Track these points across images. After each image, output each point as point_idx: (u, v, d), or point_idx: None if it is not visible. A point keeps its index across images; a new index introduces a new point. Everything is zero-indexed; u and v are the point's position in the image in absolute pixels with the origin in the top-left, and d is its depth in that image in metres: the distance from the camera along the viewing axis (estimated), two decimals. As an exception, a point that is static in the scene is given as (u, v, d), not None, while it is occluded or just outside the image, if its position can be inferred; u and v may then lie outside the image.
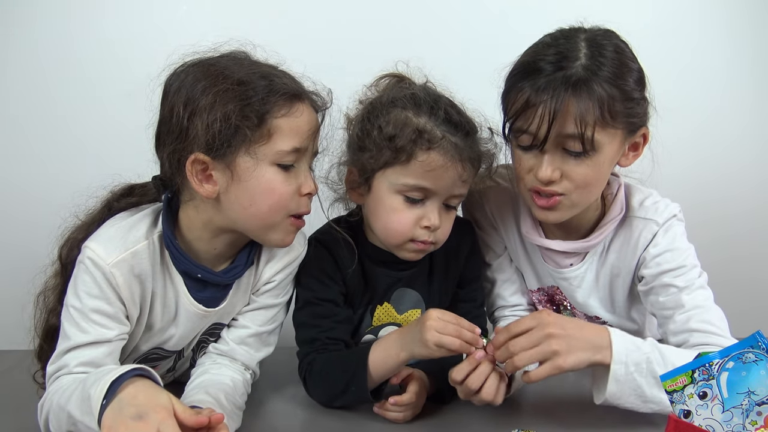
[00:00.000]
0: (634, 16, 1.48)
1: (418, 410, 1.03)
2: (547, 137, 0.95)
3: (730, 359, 0.78)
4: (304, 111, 0.94)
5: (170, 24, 1.50)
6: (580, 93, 0.93)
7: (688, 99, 1.55)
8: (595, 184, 1.02)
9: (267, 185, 0.93)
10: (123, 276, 0.92)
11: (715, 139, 1.64)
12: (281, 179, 0.93)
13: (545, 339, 0.90)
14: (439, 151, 0.99)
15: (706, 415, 0.78)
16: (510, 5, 1.56)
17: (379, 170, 1.03)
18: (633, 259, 1.10)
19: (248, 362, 1.06)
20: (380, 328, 1.15)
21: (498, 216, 1.19)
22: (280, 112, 0.91)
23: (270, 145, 0.91)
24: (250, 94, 0.90)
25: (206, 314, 1.01)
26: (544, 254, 1.16)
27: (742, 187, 1.67)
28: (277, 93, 0.91)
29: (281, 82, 0.93)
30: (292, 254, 1.07)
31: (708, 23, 1.60)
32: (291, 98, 0.93)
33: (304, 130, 0.94)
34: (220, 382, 1.00)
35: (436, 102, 1.01)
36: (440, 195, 1.03)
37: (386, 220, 1.04)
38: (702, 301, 1.03)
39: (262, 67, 0.95)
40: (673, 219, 1.08)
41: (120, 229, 0.95)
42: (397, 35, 1.52)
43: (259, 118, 0.90)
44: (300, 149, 0.94)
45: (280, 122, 0.92)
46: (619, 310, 1.18)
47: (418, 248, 1.06)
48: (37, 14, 1.50)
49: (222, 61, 0.93)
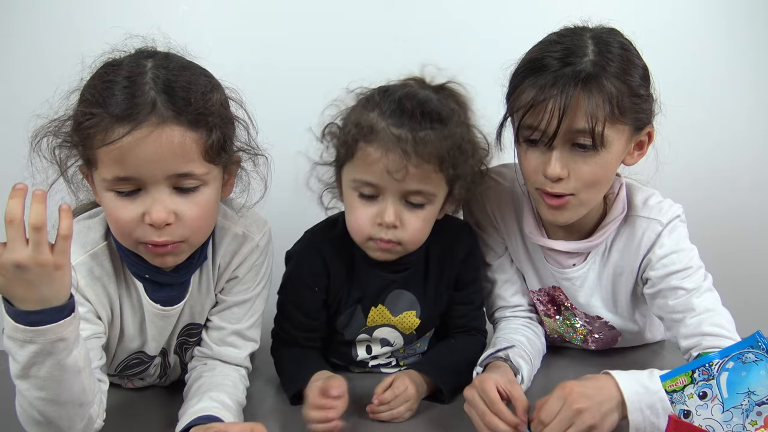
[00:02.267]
0: (636, 16, 1.48)
1: (412, 404, 1.03)
2: (557, 132, 0.95)
3: (730, 359, 0.78)
4: (125, 137, 0.81)
5: (170, 24, 1.50)
6: (590, 88, 0.93)
7: (689, 98, 1.55)
8: (602, 182, 1.02)
9: (107, 210, 0.88)
10: (84, 278, 0.91)
11: (717, 137, 1.63)
12: (117, 206, 0.86)
13: (577, 416, 0.87)
14: (376, 144, 0.95)
15: (706, 415, 0.78)
16: (513, 5, 1.56)
17: (339, 169, 1.03)
18: (636, 258, 1.10)
19: (237, 361, 1.05)
20: (374, 328, 1.15)
21: (499, 215, 1.19)
22: (96, 139, 0.82)
23: (98, 173, 0.85)
24: (74, 118, 0.85)
25: (167, 313, 0.99)
26: (547, 254, 1.16)
27: (743, 186, 1.67)
28: (90, 118, 0.82)
29: (96, 102, 0.83)
30: (247, 245, 1.02)
31: (709, 22, 1.60)
32: (108, 123, 0.82)
33: (127, 157, 0.82)
34: (219, 383, 0.99)
35: (390, 95, 0.97)
36: (390, 190, 0.98)
37: (348, 219, 1.04)
38: (712, 304, 1.03)
39: (98, 82, 0.85)
40: (676, 220, 1.08)
41: (78, 233, 0.92)
42: (404, 34, 1.52)
43: (80, 144, 0.85)
44: (130, 178, 0.83)
45: (99, 151, 0.83)
46: (621, 310, 1.17)
47: (381, 247, 1.03)
48: (35, 14, 1.49)
49: (95, 73, 0.87)
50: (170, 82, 0.84)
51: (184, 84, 0.85)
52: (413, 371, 1.09)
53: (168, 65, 0.87)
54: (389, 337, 1.17)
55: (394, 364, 1.22)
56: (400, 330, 1.16)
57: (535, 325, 1.21)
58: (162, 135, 0.82)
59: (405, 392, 1.02)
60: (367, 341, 1.18)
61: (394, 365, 1.21)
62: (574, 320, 1.20)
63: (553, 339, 1.27)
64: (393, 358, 1.21)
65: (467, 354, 1.13)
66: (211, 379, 1.00)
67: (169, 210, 0.85)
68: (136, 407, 1.06)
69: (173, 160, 0.84)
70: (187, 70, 0.88)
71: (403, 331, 1.16)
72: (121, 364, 1.03)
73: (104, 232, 0.95)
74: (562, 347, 1.28)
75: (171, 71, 0.86)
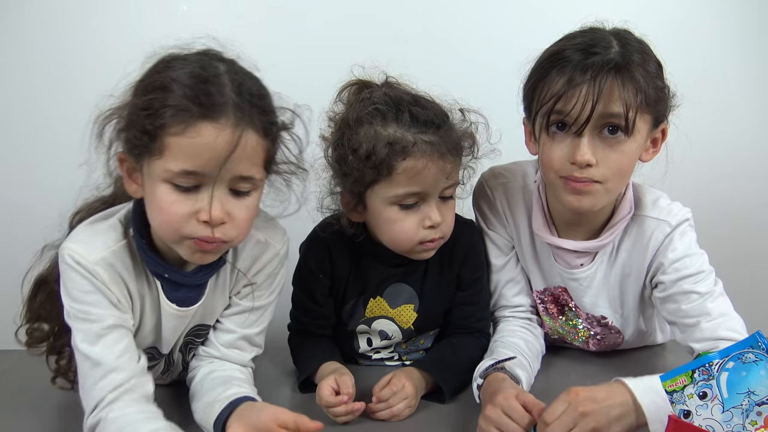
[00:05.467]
0: (648, 16, 1.48)
1: (411, 400, 1.03)
2: (590, 118, 0.95)
3: (730, 359, 0.78)
4: (206, 132, 0.83)
5: (170, 24, 1.50)
6: (622, 76, 0.95)
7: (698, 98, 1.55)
8: (627, 171, 1.03)
9: (157, 202, 0.87)
10: (107, 273, 0.92)
11: (726, 138, 1.63)
12: (172, 199, 0.86)
13: (581, 418, 0.85)
14: (415, 155, 0.99)
15: (706, 415, 0.78)
16: (526, 7, 1.56)
17: (367, 189, 1.04)
18: (644, 258, 1.10)
19: (242, 362, 1.06)
20: (373, 320, 1.17)
21: (509, 213, 1.19)
22: (172, 129, 0.83)
23: (161, 162, 0.85)
24: (148, 105, 0.85)
25: (182, 314, 1.00)
26: (556, 254, 1.15)
27: (750, 186, 1.67)
28: (172, 107, 0.83)
29: (183, 94, 0.83)
30: (269, 253, 1.03)
31: (718, 23, 1.60)
32: (191, 116, 0.83)
33: (203, 152, 0.84)
34: (236, 377, 1.01)
35: (399, 106, 1.01)
36: (433, 193, 1.03)
37: (390, 232, 1.06)
38: (726, 308, 1.03)
39: (180, 73, 0.86)
40: (686, 224, 1.08)
41: (98, 230, 0.94)
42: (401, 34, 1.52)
43: (150, 131, 0.84)
44: (197, 173, 0.85)
45: (172, 141, 0.84)
46: (627, 311, 1.17)
47: (429, 248, 1.07)
48: (33, 13, 1.49)
49: (162, 63, 0.88)
50: (247, 87, 0.87)
51: (258, 92, 0.88)
52: (412, 369, 1.09)
53: (238, 71, 0.89)
54: (387, 330, 1.18)
55: (397, 359, 1.23)
56: (397, 323, 1.17)
57: (534, 327, 1.21)
58: (242, 137, 0.84)
59: (403, 389, 1.03)
60: (367, 333, 1.20)
61: (396, 359, 1.23)
62: (577, 321, 1.20)
63: (554, 340, 1.26)
64: (395, 353, 1.22)
65: (468, 355, 1.14)
66: (225, 372, 1.02)
67: (225, 210, 0.87)
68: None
69: (244, 163, 0.86)
70: (255, 80, 0.91)
71: (400, 324, 1.17)
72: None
73: (123, 231, 0.96)
74: (562, 347, 1.28)
75: (243, 77, 0.88)
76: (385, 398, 1.02)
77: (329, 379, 1.02)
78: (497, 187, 1.19)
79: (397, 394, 1.02)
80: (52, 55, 1.50)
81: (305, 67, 1.47)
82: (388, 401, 1.02)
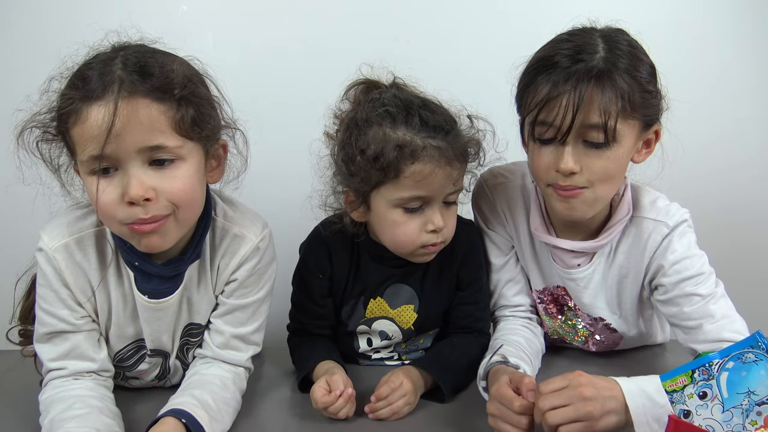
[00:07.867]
0: (642, 16, 1.48)
1: (410, 398, 1.04)
2: (571, 128, 0.96)
3: (730, 359, 0.78)
4: (92, 114, 0.83)
5: (170, 24, 1.50)
6: (603, 84, 0.95)
7: (693, 97, 1.55)
8: (615, 176, 1.02)
9: (92, 198, 0.87)
10: (65, 260, 0.93)
11: (722, 135, 1.63)
12: (100, 189, 0.85)
13: (580, 399, 0.86)
14: (424, 160, 0.99)
15: (706, 415, 0.78)
16: (518, 6, 1.56)
17: (372, 190, 1.04)
18: (642, 259, 1.10)
19: (238, 362, 1.06)
20: (373, 320, 1.17)
21: (509, 213, 1.19)
22: (69, 121, 0.85)
23: (77, 156, 0.86)
24: (52, 109, 0.87)
25: (155, 306, 0.99)
26: (554, 253, 1.16)
27: (745, 183, 1.67)
28: (62, 101, 0.85)
29: (67, 86, 0.85)
30: (245, 247, 1.02)
31: (714, 24, 1.60)
32: (73, 102, 0.84)
33: (96, 133, 0.82)
34: (208, 382, 1.00)
35: (409, 109, 1.01)
36: (437, 198, 1.04)
37: (392, 234, 1.06)
38: (728, 310, 1.04)
39: (80, 68, 0.88)
40: (684, 224, 1.08)
41: (71, 218, 0.96)
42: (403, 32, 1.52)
43: (62, 132, 0.87)
44: (102, 155, 0.83)
45: (74, 132, 0.85)
46: (625, 312, 1.17)
47: (430, 251, 1.08)
48: (32, 12, 1.49)
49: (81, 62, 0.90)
50: (138, 61, 0.86)
51: (149, 61, 0.87)
52: (411, 367, 1.10)
53: (138, 50, 0.89)
54: (387, 330, 1.18)
55: (397, 359, 1.23)
56: (398, 323, 1.17)
57: (534, 326, 1.21)
58: (128, 107, 0.83)
59: (401, 387, 1.03)
60: (367, 333, 1.20)
61: (396, 359, 1.23)
62: (576, 321, 1.20)
63: (553, 340, 1.26)
64: (395, 353, 1.23)
65: (468, 354, 1.14)
66: (203, 377, 1.01)
67: (146, 186, 0.86)
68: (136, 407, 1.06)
69: (141, 133, 0.84)
70: (155, 53, 0.90)
71: (401, 324, 1.17)
72: (118, 355, 1.03)
73: (97, 219, 0.96)
74: (562, 347, 1.28)
75: (140, 54, 0.88)
76: (383, 396, 1.02)
77: (320, 381, 1.02)
78: (496, 187, 1.19)
79: (396, 391, 1.03)
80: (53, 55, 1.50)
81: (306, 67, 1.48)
82: (387, 398, 1.02)
